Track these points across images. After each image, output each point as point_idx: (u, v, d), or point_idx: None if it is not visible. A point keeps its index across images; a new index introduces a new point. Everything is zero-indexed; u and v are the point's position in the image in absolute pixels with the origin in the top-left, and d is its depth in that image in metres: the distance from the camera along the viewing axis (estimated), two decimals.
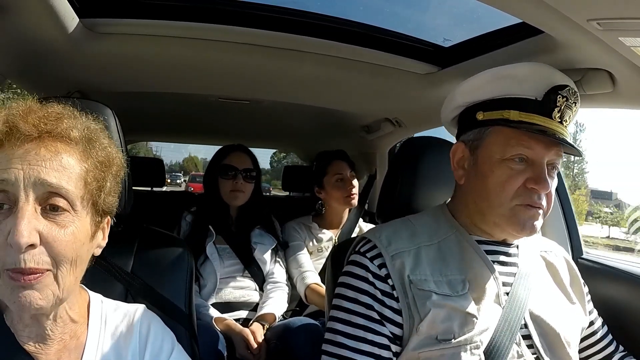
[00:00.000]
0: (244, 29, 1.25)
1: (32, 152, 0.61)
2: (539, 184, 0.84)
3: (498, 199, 0.86)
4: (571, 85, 0.88)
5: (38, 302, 0.60)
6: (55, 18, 1.04)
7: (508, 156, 0.86)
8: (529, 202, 0.85)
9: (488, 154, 0.89)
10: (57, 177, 0.61)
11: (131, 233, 1.01)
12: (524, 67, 0.91)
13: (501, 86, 0.89)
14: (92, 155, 0.67)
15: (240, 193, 1.86)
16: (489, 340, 0.83)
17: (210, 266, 1.74)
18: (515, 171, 0.86)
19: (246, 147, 2.00)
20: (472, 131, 0.93)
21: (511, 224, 0.87)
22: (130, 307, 0.79)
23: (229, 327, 1.62)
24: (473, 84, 0.93)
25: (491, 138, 0.89)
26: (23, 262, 0.57)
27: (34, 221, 0.59)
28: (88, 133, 0.67)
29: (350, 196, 2.02)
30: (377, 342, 0.84)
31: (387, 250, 0.89)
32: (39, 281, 0.59)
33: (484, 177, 0.89)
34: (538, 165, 0.86)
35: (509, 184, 0.85)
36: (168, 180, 31.27)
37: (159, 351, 0.75)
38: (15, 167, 0.59)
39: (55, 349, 0.67)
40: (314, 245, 2.02)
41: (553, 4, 0.73)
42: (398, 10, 1.73)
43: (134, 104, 2.02)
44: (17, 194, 0.58)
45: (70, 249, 0.62)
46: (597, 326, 1.01)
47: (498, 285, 0.89)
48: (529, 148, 0.85)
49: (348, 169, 2.06)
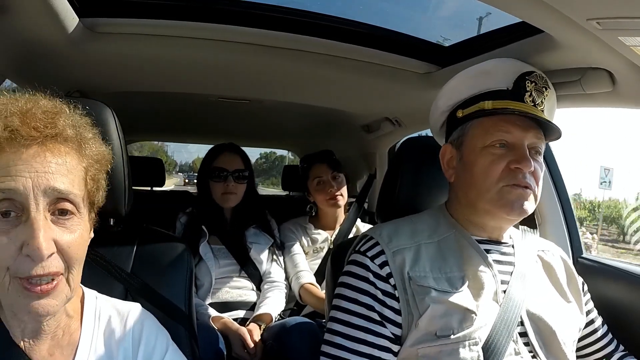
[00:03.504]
0: (244, 29, 1.25)
1: (37, 158, 0.60)
2: (521, 162, 0.87)
3: (484, 185, 0.89)
4: (538, 71, 0.94)
5: (53, 308, 0.61)
6: (55, 18, 1.04)
7: (488, 143, 0.90)
8: (515, 182, 0.88)
9: (471, 146, 0.93)
10: (65, 182, 0.61)
11: (131, 233, 1.01)
12: (492, 62, 0.97)
13: (475, 83, 0.95)
14: (87, 153, 0.67)
15: (232, 195, 1.83)
16: (486, 337, 0.83)
17: (205, 266, 1.73)
18: (496, 156, 0.89)
19: (237, 146, 1.94)
20: (456, 130, 0.98)
21: (500, 206, 0.89)
22: (124, 305, 0.78)
23: (225, 326, 1.61)
24: (450, 87, 1.00)
25: (472, 131, 0.94)
26: (42, 269, 0.58)
27: (49, 230, 0.59)
28: (79, 128, 0.67)
29: (333, 198, 1.98)
30: (377, 344, 0.84)
31: (389, 246, 0.90)
32: (55, 288, 0.60)
33: (470, 167, 0.92)
34: (519, 147, 0.89)
35: (492, 169, 0.89)
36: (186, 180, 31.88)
37: (152, 351, 0.74)
38: (23, 176, 0.58)
39: (49, 344, 0.67)
40: (310, 246, 2.01)
41: (553, 3, 0.73)
42: (398, 10, 1.74)
43: (134, 103, 2.01)
44: (27, 203, 0.58)
45: (81, 251, 0.64)
46: (596, 325, 1.02)
47: (496, 283, 0.89)
48: (507, 132, 0.89)
49: (329, 171, 2.00)
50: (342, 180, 2.03)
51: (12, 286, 0.59)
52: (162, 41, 1.28)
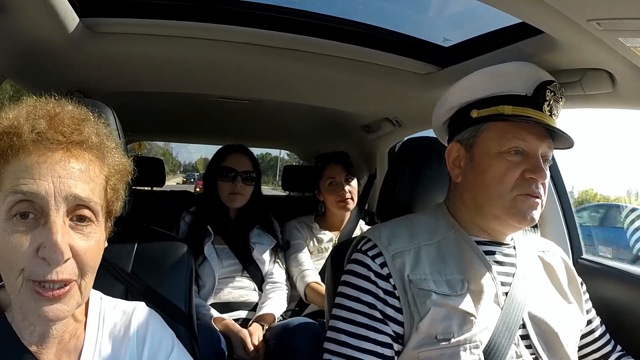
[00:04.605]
0: (244, 29, 1.25)
1: (61, 163, 0.60)
2: (536, 173, 0.87)
3: (498, 191, 0.88)
4: (557, 81, 0.93)
5: (63, 314, 0.61)
6: (55, 18, 1.04)
7: (505, 149, 0.89)
8: (529, 192, 0.87)
9: (485, 149, 0.91)
10: (86, 190, 0.62)
11: (131, 233, 1.00)
12: (511, 66, 0.95)
13: (493, 84, 0.93)
14: (109, 162, 0.68)
15: (239, 195, 1.84)
16: (487, 340, 0.83)
17: (209, 266, 1.73)
18: (512, 163, 0.88)
19: (246, 147, 1.96)
20: (467, 130, 0.95)
21: (512, 214, 0.88)
22: (129, 304, 0.78)
23: (227, 327, 1.61)
24: (465, 84, 0.97)
25: (487, 134, 0.92)
26: (56, 275, 0.58)
27: (67, 235, 0.60)
28: (102, 137, 0.68)
29: (344, 201, 1.98)
30: (380, 340, 0.85)
31: (388, 250, 0.89)
32: (66, 294, 0.60)
33: (482, 171, 0.91)
34: (533, 156, 0.88)
35: (507, 176, 0.88)
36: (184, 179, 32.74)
37: (158, 350, 0.74)
38: (46, 180, 0.59)
39: (56, 348, 0.67)
40: (315, 245, 2.01)
41: (553, 4, 0.73)
42: (398, 10, 1.73)
43: (134, 103, 2.02)
44: (47, 208, 0.59)
45: (96, 259, 0.64)
46: (595, 325, 1.02)
47: (496, 285, 0.89)
48: (524, 140, 0.88)
49: (343, 173, 2.01)
50: (354, 183, 2.04)
51: (25, 288, 0.59)
52: (162, 41, 1.28)
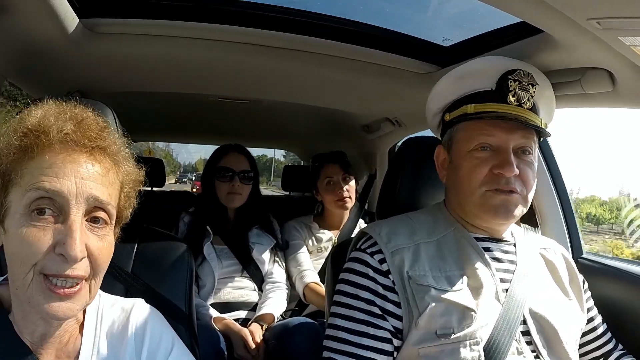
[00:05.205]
0: (244, 29, 1.25)
1: (84, 165, 0.63)
2: (503, 167, 0.87)
3: (468, 188, 0.90)
4: (522, 68, 0.92)
5: (72, 312, 0.62)
6: (55, 18, 1.04)
7: (472, 147, 0.91)
8: (497, 187, 0.88)
9: (458, 149, 0.94)
10: (105, 193, 0.64)
11: (131, 233, 1.00)
12: (476, 63, 0.97)
13: (460, 86, 0.95)
14: (125, 170, 0.70)
15: (238, 195, 1.84)
16: (488, 337, 0.83)
17: (208, 267, 1.73)
18: (480, 160, 0.90)
19: (243, 147, 1.96)
20: (446, 133, 0.99)
21: (484, 211, 0.90)
22: (128, 302, 0.78)
23: (227, 326, 1.61)
24: (437, 90, 1.00)
25: (459, 134, 0.95)
26: (71, 270, 0.60)
27: (84, 235, 0.62)
28: (120, 146, 0.70)
29: (342, 200, 1.98)
30: (379, 336, 0.85)
31: (387, 246, 0.90)
32: (77, 293, 0.61)
33: (457, 170, 0.94)
34: (503, 151, 0.89)
35: (474, 173, 0.89)
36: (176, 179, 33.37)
37: (157, 349, 0.73)
38: (69, 180, 0.61)
39: (55, 348, 0.67)
40: (314, 245, 2.01)
41: (553, 3, 0.73)
42: (398, 10, 1.73)
43: (134, 103, 2.02)
44: (68, 207, 0.60)
45: (107, 260, 0.66)
46: (596, 323, 1.02)
47: (496, 282, 0.89)
48: (490, 135, 0.90)
49: (340, 172, 2.00)
50: (352, 182, 2.04)
51: (35, 283, 0.59)
52: (162, 41, 1.28)
